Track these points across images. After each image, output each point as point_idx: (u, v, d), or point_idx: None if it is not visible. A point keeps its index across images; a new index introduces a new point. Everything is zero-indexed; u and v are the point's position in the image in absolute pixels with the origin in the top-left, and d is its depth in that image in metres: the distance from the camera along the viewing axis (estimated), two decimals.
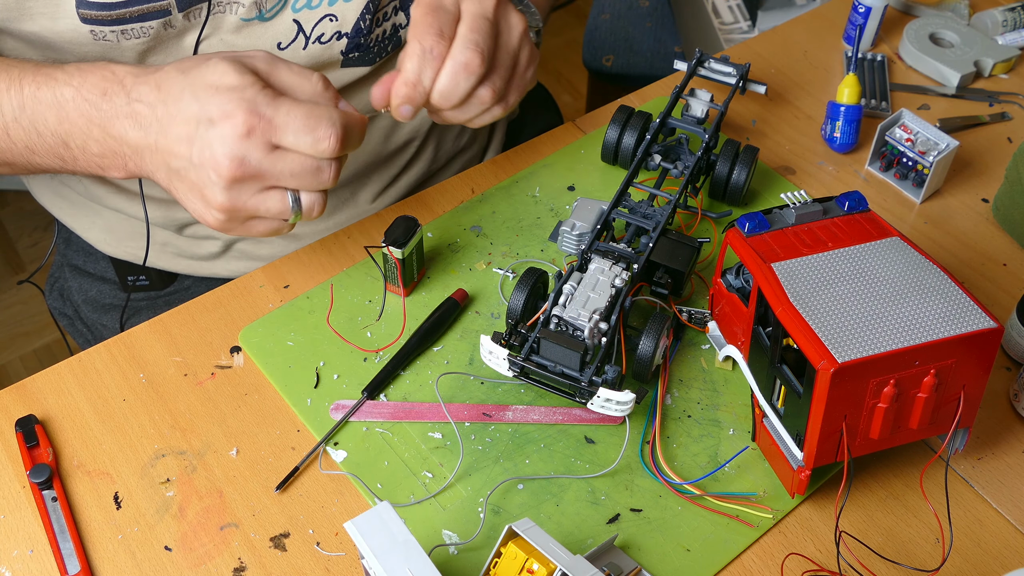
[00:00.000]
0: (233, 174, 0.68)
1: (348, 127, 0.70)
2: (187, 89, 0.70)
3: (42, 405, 0.78)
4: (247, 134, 0.68)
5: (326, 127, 0.69)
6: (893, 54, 1.15)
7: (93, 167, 0.76)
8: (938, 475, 0.75)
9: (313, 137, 0.68)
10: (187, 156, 0.69)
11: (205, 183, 0.70)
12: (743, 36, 1.67)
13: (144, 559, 0.69)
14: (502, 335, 0.76)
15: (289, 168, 0.69)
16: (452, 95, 0.80)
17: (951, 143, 0.94)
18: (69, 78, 0.74)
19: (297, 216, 0.72)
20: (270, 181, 0.70)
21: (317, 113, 0.69)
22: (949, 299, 0.67)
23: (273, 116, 0.68)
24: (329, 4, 0.93)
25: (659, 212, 0.85)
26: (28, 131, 0.76)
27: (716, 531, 0.71)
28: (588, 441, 0.76)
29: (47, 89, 0.74)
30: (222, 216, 0.71)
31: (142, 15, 0.86)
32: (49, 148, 0.76)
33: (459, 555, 0.70)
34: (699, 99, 0.96)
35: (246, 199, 0.70)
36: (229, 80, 0.69)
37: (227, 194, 0.70)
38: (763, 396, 0.73)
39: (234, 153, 0.68)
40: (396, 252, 0.82)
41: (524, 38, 0.85)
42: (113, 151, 0.73)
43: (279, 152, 0.69)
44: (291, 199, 0.71)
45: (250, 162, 0.68)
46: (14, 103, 0.75)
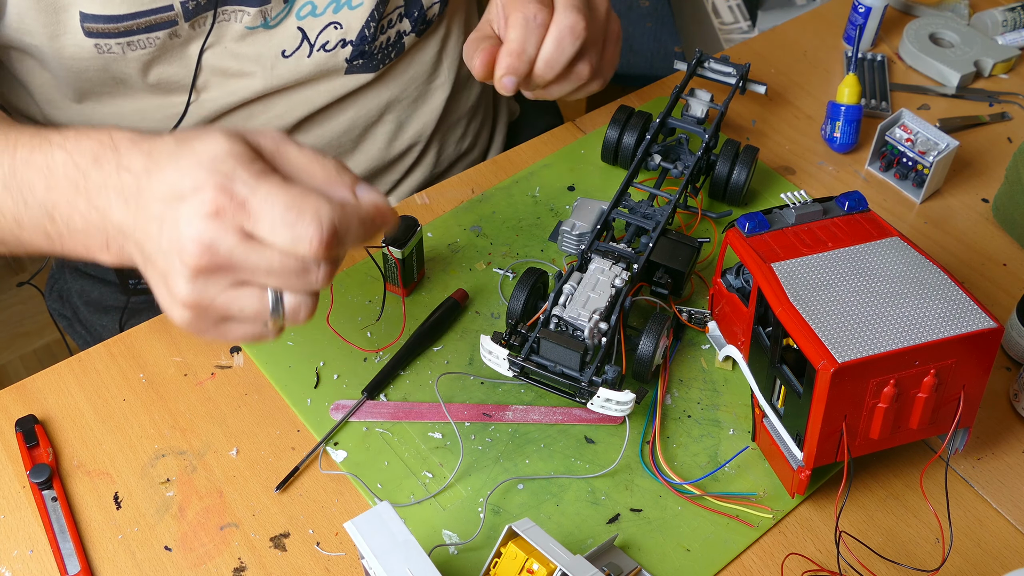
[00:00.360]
0: (198, 262, 0.56)
1: (344, 222, 0.57)
2: (173, 159, 0.59)
3: (42, 405, 0.78)
4: (215, 214, 0.55)
5: (309, 223, 0.55)
6: (893, 54, 1.15)
7: (79, 247, 0.65)
8: (938, 475, 0.75)
9: (292, 234, 0.55)
10: (157, 237, 0.58)
11: (170, 271, 0.58)
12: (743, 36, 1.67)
13: (144, 559, 0.69)
14: (502, 335, 0.76)
15: (266, 264, 0.57)
16: (557, 62, 0.80)
17: (951, 143, 0.94)
18: (64, 140, 0.65)
19: (279, 320, 0.59)
20: (244, 275, 0.57)
21: (302, 204, 0.55)
22: (949, 299, 0.67)
23: (248, 198, 0.56)
24: (334, 12, 0.93)
25: (659, 212, 0.85)
26: (16, 200, 0.67)
27: (716, 531, 0.71)
28: (588, 441, 0.76)
29: (40, 153, 0.66)
30: (188, 314, 0.58)
31: (149, 27, 0.87)
32: (35, 221, 0.66)
33: (459, 555, 0.70)
34: (699, 99, 0.96)
35: (215, 294, 0.58)
36: (213, 150, 0.57)
37: (192, 286, 0.57)
38: (763, 396, 0.73)
39: (200, 236, 0.55)
40: (396, 252, 0.82)
41: (610, 10, 0.86)
42: (97, 227, 0.63)
43: (254, 243, 0.56)
44: (271, 298, 0.58)
45: (219, 250, 0.56)
46: (5, 168, 0.67)
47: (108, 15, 0.85)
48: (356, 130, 1.02)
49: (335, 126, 1.01)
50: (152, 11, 0.86)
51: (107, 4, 0.84)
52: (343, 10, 0.93)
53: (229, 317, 0.59)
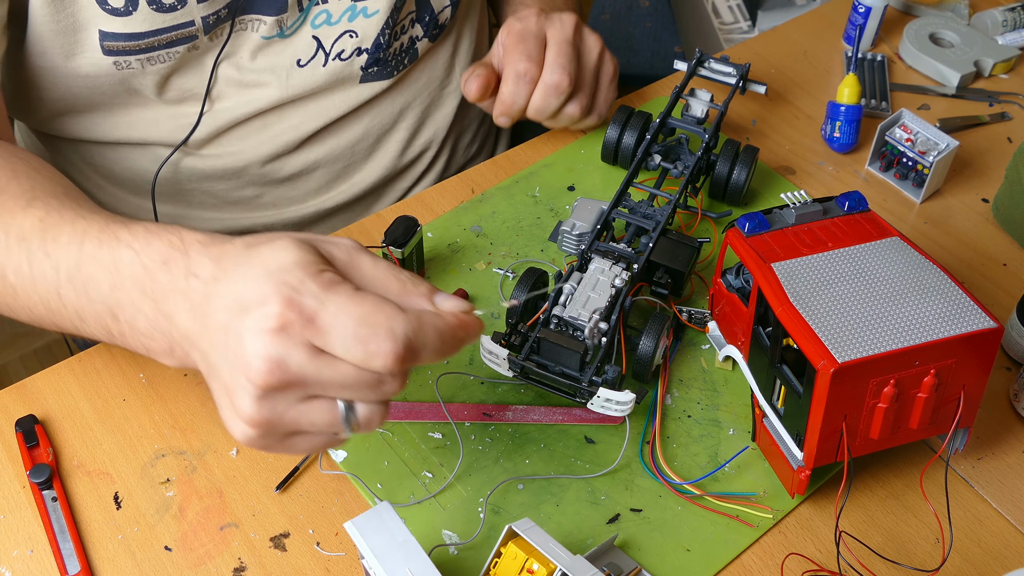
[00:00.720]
0: (266, 380, 0.53)
1: (420, 336, 0.54)
2: (240, 266, 0.56)
3: (42, 405, 0.78)
4: (281, 329, 0.53)
5: (382, 340, 0.53)
6: (893, 54, 1.15)
7: (140, 348, 0.63)
8: (938, 475, 0.75)
9: (364, 350, 0.53)
10: (222, 349, 0.55)
11: (235, 387, 0.55)
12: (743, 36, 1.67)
13: (144, 559, 0.69)
14: (502, 335, 0.76)
15: (339, 378, 0.54)
16: (545, 111, 0.93)
17: (951, 143, 0.94)
18: (132, 239, 0.62)
19: (351, 429, 0.57)
20: (314, 390, 0.55)
21: (375, 319, 0.53)
22: (949, 299, 0.67)
23: (317, 312, 0.53)
24: (349, 20, 0.93)
25: (659, 212, 0.85)
26: (79, 294, 0.65)
27: (716, 531, 0.71)
28: (588, 441, 0.76)
29: (107, 250, 0.63)
30: (253, 432, 0.55)
31: (170, 42, 0.87)
32: (97, 317, 0.64)
33: (459, 555, 0.70)
34: (699, 99, 0.96)
35: (283, 411, 0.55)
36: (282, 259, 0.54)
37: (259, 405, 0.54)
38: (763, 396, 0.73)
39: (268, 353, 0.53)
40: (396, 252, 0.82)
41: (603, 55, 0.96)
42: (162, 332, 0.60)
43: (325, 357, 0.54)
44: (343, 409, 0.56)
45: (288, 367, 0.53)
46: (71, 260, 0.65)
47: (129, 33, 0.85)
48: (370, 138, 1.02)
49: (350, 135, 1.01)
50: (174, 27, 0.86)
51: (128, 23, 0.84)
52: (358, 18, 0.93)
53: (298, 432, 0.57)
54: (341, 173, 1.03)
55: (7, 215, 0.69)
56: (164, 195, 0.99)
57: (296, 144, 0.99)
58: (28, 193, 0.70)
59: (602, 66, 0.96)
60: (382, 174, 1.04)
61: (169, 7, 0.84)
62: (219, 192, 1.00)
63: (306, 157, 1.00)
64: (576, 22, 0.94)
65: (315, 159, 1.01)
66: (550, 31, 0.93)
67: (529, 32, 0.92)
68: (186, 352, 0.59)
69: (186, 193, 1.00)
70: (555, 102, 0.92)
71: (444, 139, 1.08)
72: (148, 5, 0.84)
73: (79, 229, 0.65)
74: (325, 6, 0.92)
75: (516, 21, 0.94)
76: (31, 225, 0.67)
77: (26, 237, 0.67)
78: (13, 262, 0.67)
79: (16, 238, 0.67)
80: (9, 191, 0.70)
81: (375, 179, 1.04)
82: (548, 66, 0.91)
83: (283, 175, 1.01)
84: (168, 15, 0.85)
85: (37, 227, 0.67)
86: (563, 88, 0.91)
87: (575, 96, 0.94)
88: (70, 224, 0.66)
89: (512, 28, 0.93)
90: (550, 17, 0.94)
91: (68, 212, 0.67)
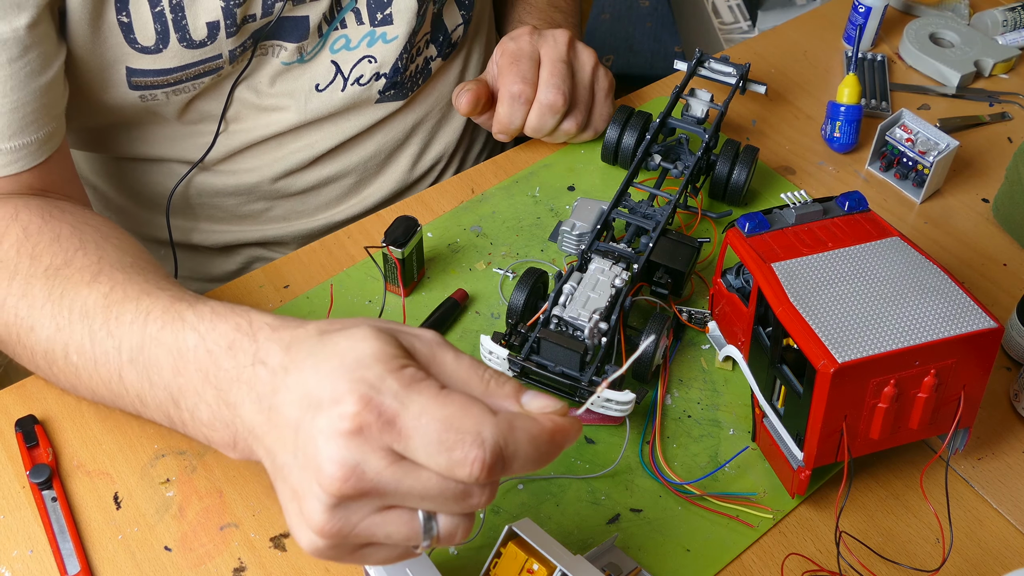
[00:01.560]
0: (340, 489, 0.48)
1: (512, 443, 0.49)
2: (314, 356, 0.51)
3: (42, 405, 0.78)
4: (357, 432, 0.47)
5: (469, 447, 0.47)
6: (893, 54, 1.15)
7: (202, 438, 0.59)
8: (938, 475, 0.75)
9: (449, 459, 0.47)
10: (292, 449, 0.50)
11: (305, 493, 0.49)
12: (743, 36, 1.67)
13: (144, 559, 0.69)
14: (502, 335, 0.76)
15: (421, 488, 0.49)
16: (541, 130, 0.94)
17: (951, 143, 0.94)
18: (198, 320, 0.59)
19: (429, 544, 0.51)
20: (392, 500, 0.49)
21: (461, 424, 0.47)
22: (949, 299, 0.67)
23: (398, 414, 0.48)
24: (368, 46, 0.94)
25: (659, 212, 0.85)
26: (141, 378, 0.62)
27: (716, 531, 0.71)
28: (588, 441, 0.76)
29: (170, 331, 0.60)
30: (323, 543, 0.50)
31: (198, 75, 0.87)
32: (159, 403, 0.61)
33: (459, 555, 0.70)
34: (699, 99, 0.96)
35: (357, 521, 0.49)
36: (359, 351, 0.49)
37: (331, 515, 0.49)
38: (763, 396, 0.73)
39: (342, 458, 0.47)
40: (396, 252, 0.82)
41: (596, 71, 0.97)
42: (225, 423, 0.56)
43: (406, 464, 0.48)
44: (422, 520, 0.50)
45: (364, 474, 0.48)
46: (134, 341, 0.62)
47: (157, 69, 0.84)
48: (382, 154, 1.03)
49: (362, 152, 1.01)
50: (202, 61, 0.86)
51: (157, 60, 0.84)
52: (377, 43, 0.94)
53: (372, 544, 0.51)
54: (352, 188, 1.03)
55: (72, 291, 0.67)
56: (174, 208, 1.00)
57: (309, 162, 0.99)
58: (95, 266, 0.68)
59: (597, 81, 0.97)
60: (393, 188, 1.05)
61: (199, 43, 0.84)
62: (229, 207, 1.01)
63: (319, 173, 1.01)
64: (569, 39, 0.94)
65: (327, 175, 1.01)
66: (543, 49, 0.93)
67: (523, 52, 0.93)
68: (251, 447, 0.55)
69: (196, 207, 1.01)
70: (551, 121, 0.93)
71: (453, 153, 1.08)
72: (179, 42, 0.83)
73: (143, 307, 0.62)
74: (344, 31, 0.93)
75: (510, 41, 0.94)
76: (95, 302, 0.65)
77: (89, 314, 0.65)
78: (76, 341, 0.65)
79: (80, 315, 0.65)
80: (75, 264, 0.68)
81: (385, 193, 1.05)
82: (542, 86, 0.92)
83: (295, 190, 1.01)
84: (198, 50, 0.85)
85: (101, 304, 0.65)
86: (558, 107, 0.92)
87: (571, 113, 0.95)
88: (134, 302, 0.63)
89: (506, 48, 0.94)
90: (543, 35, 0.94)
91: (133, 288, 0.65)
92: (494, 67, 0.95)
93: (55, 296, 0.67)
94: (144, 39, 0.82)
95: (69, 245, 0.70)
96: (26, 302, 0.68)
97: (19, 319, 0.68)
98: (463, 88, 0.94)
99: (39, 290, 0.68)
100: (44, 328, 0.67)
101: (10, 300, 0.69)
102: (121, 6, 0.80)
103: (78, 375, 0.67)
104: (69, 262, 0.69)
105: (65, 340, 0.66)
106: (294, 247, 1.05)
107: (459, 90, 0.94)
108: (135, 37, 0.82)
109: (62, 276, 0.68)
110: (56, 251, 0.70)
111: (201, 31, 0.83)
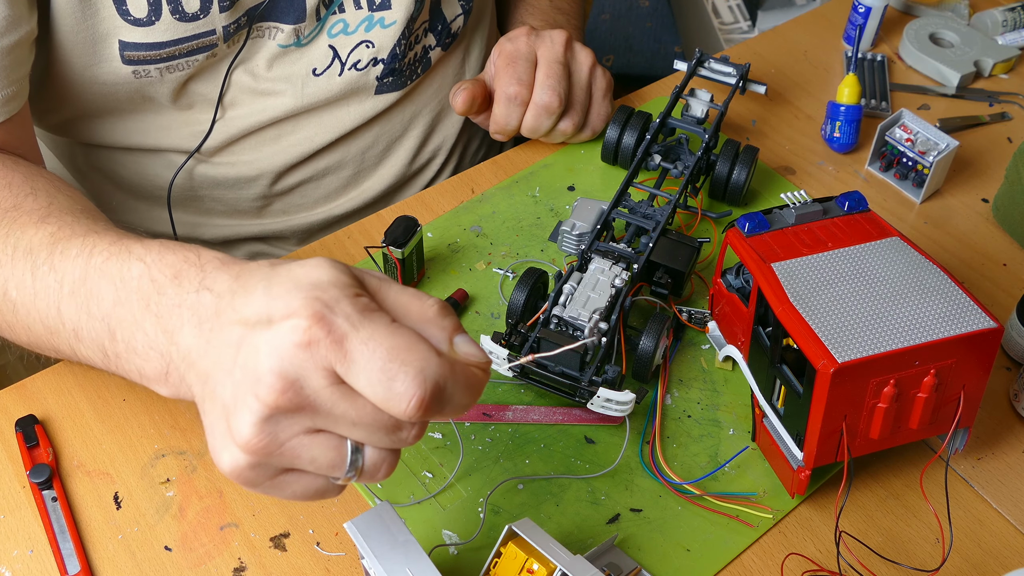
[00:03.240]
0: (276, 399, 0.47)
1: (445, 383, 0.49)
2: (265, 281, 0.50)
3: (42, 405, 0.78)
4: (306, 345, 0.47)
5: (409, 381, 0.47)
6: (893, 54, 1.15)
7: (134, 372, 0.58)
8: (938, 475, 0.75)
9: (387, 389, 0.47)
10: (229, 366, 0.49)
11: (237, 406, 0.49)
12: (743, 36, 1.67)
13: (144, 559, 0.69)
14: (502, 335, 0.76)
15: (355, 414, 0.49)
16: (537, 131, 0.95)
17: (951, 143, 0.94)
18: (145, 252, 0.58)
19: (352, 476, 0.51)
20: (324, 423, 0.49)
21: (405, 356, 0.48)
22: (949, 299, 0.67)
23: (347, 336, 0.47)
24: (366, 31, 0.94)
25: (659, 212, 0.85)
26: (80, 309, 0.61)
27: (716, 531, 0.71)
28: (588, 441, 0.76)
29: (116, 262, 0.59)
30: (245, 458, 0.49)
31: (191, 51, 0.87)
32: (95, 335, 0.60)
33: (459, 555, 0.70)
34: (699, 99, 0.96)
35: (286, 439, 0.49)
36: (316, 275, 0.50)
37: (260, 427, 0.48)
38: (763, 396, 0.73)
39: (284, 369, 0.47)
40: (396, 252, 0.82)
41: (593, 71, 0.97)
42: (159, 352, 0.55)
43: (345, 389, 0.48)
44: (349, 450, 0.50)
45: (302, 388, 0.48)
46: (77, 273, 0.61)
47: (150, 42, 0.84)
48: (380, 146, 1.02)
49: (361, 143, 1.01)
50: (195, 36, 0.86)
51: (149, 32, 0.84)
52: (375, 28, 0.94)
53: (293, 468, 0.51)
54: (351, 180, 1.03)
55: (18, 230, 0.67)
56: (174, 202, 1.00)
57: (309, 155, 0.99)
58: (44, 209, 0.68)
59: (594, 81, 0.97)
60: (391, 180, 1.05)
61: (192, 16, 0.84)
62: (229, 200, 1.01)
63: (317, 165, 1.01)
64: (566, 39, 0.94)
65: (325, 166, 1.01)
66: (540, 50, 0.93)
67: (519, 54, 0.93)
68: (181, 375, 0.54)
69: (195, 200, 1.00)
70: (547, 122, 0.93)
71: (453, 146, 1.08)
72: (171, 14, 0.83)
73: (89, 242, 0.62)
74: (342, 15, 0.92)
75: (507, 42, 0.94)
76: (40, 239, 0.65)
77: (33, 251, 0.64)
78: (17, 276, 0.65)
79: (24, 252, 0.65)
80: (24, 207, 0.69)
81: (384, 186, 1.04)
82: (538, 87, 0.92)
83: (294, 183, 1.01)
84: (191, 24, 0.85)
85: (47, 241, 0.65)
86: (553, 109, 0.92)
87: (567, 113, 0.95)
88: (81, 237, 0.63)
89: (503, 49, 0.94)
90: (540, 35, 0.94)
91: (81, 227, 0.64)
92: (491, 67, 0.96)
93: (1, 235, 0.67)
94: (136, 10, 0.82)
95: (20, 191, 0.70)
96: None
97: None
98: (459, 87, 0.94)
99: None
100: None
101: None
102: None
103: (15, 311, 0.66)
104: (18, 206, 0.69)
105: (6, 275, 0.66)
106: (294, 242, 1.05)
107: (456, 89, 0.94)
108: (127, 8, 0.82)
109: (9, 218, 0.68)
110: (6, 196, 0.70)
111: (194, 3, 0.83)
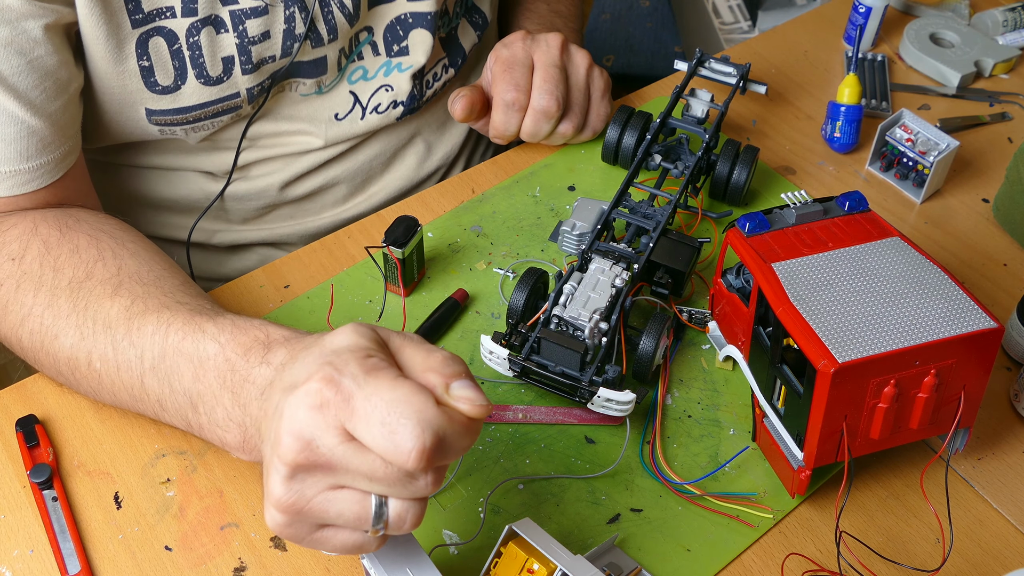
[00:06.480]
0: (294, 459, 0.50)
1: (444, 432, 0.50)
2: (305, 351, 0.55)
3: (42, 405, 0.78)
4: (319, 408, 0.50)
5: (408, 433, 0.49)
6: (893, 54, 1.15)
7: (216, 440, 0.63)
8: (938, 475, 0.75)
9: (389, 441, 0.49)
10: (267, 432, 0.54)
11: (268, 468, 0.53)
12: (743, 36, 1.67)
13: (144, 559, 0.69)
14: (502, 335, 0.76)
15: (368, 469, 0.51)
16: (537, 135, 0.95)
17: (951, 143, 0.94)
18: (219, 332, 0.63)
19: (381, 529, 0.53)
20: (343, 479, 0.52)
21: (403, 409, 0.49)
22: (949, 299, 0.67)
23: (353, 394, 0.50)
24: (384, 75, 0.95)
25: (659, 212, 0.85)
26: (162, 384, 0.66)
27: (716, 531, 0.71)
28: (588, 441, 0.76)
29: (191, 342, 0.64)
30: (281, 517, 0.53)
31: (216, 113, 0.89)
32: (178, 407, 0.66)
33: (459, 555, 0.70)
34: (699, 99, 0.96)
35: (312, 496, 0.52)
36: (338, 342, 0.53)
37: (286, 487, 0.51)
38: (763, 396, 0.73)
39: (299, 431, 0.50)
40: (396, 252, 0.82)
41: (590, 72, 0.97)
42: (237, 423, 0.61)
43: (356, 445, 0.51)
44: (374, 504, 0.52)
45: (318, 447, 0.50)
46: (156, 351, 0.66)
47: (176, 108, 0.86)
48: (386, 155, 1.03)
49: (367, 153, 1.02)
50: (220, 100, 0.87)
51: (176, 98, 0.86)
52: (393, 72, 0.95)
53: (326, 523, 0.54)
54: (360, 187, 1.04)
55: (95, 303, 0.71)
56: (184, 208, 1.01)
57: (317, 166, 1.00)
58: (114, 279, 0.72)
59: (592, 82, 0.97)
60: (400, 186, 1.05)
61: (216, 79, 0.85)
62: (240, 209, 1.02)
63: (325, 175, 1.02)
64: (562, 42, 0.94)
65: (334, 175, 1.02)
66: (536, 55, 0.93)
67: (516, 59, 0.93)
68: (255, 444, 0.59)
69: (202, 208, 1.01)
70: (546, 126, 0.93)
71: (460, 150, 1.09)
72: (196, 79, 0.85)
73: (164, 319, 0.67)
74: (361, 63, 0.94)
75: (503, 47, 0.95)
76: (117, 314, 0.70)
77: (112, 325, 0.69)
78: (99, 349, 0.70)
79: (103, 326, 0.70)
80: (96, 276, 0.72)
81: (392, 192, 1.05)
82: (536, 92, 0.92)
83: (301, 193, 1.02)
84: (215, 88, 0.86)
85: (123, 316, 0.69)
86: (551, 113, 0.92)
87: (566, 116, 0.95)
88: (155, 313, 0.68)
89: (499, 55, 0.94)
90: (536, 40, 0.95)
91: (153, 301, 0.70)
92: (488, 74, 0.96)
93: (79, 307, 0.71)
94: (163, 78, 0.84)
95: (88, 257, 0.74)
96: (51, 312, 0.72)
97: (44, 328, 0.72)
98: (458, 94, 0.94)
99: (64, 301, 0.72)
100: (68, 336, 0.71)
101: (36, 310, 0.72)
102: (141, 51, 0.82)
103: (100, 381, 0.71)
104: (90, 274, 0.73)
105: (89, 348, 0.70)
106: (301, 245, 1.06)
107: (454, 96, 0.95)
108: (155, 80, 0.84)
109: (85, 289, 0.72)
110: (76, 263, 0.73)
111: (217, 67, 0.85)
